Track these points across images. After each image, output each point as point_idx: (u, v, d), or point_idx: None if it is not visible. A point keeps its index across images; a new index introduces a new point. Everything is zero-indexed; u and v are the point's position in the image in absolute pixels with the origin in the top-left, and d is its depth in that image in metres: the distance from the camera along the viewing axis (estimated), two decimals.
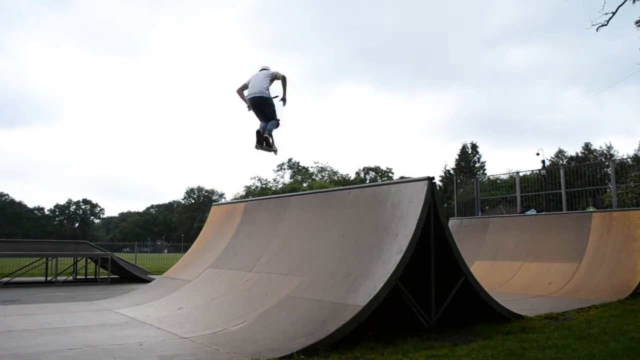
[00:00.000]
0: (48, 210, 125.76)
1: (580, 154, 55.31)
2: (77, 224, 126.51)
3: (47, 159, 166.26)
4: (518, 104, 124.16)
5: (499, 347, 5.74)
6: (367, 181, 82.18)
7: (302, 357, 5.31)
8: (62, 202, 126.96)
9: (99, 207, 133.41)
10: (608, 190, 18.51)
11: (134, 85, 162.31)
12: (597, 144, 64.00)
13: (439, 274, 7.11)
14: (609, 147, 53.32)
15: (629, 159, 22.06)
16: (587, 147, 57.09)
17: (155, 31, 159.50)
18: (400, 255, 6.53)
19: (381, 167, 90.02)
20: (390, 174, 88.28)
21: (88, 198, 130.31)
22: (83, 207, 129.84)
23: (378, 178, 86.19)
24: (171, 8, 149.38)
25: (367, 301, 6.11)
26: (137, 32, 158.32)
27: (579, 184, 20.09)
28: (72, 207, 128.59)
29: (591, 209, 15.29)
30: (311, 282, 7.37)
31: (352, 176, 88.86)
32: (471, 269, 7.83)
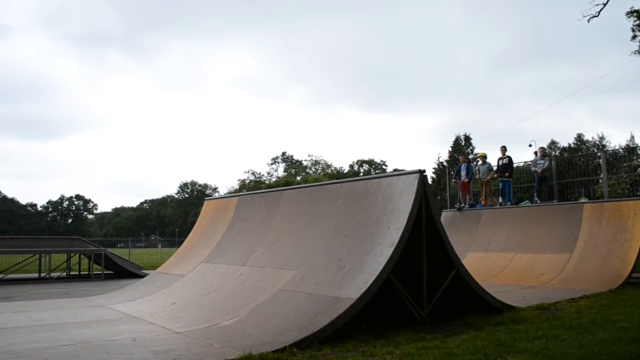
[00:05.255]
0: (41, 207, 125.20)
1: (572, 145, 55.45)
2: (70, 220, 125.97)
3: (40, 155, 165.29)
4: (511, 100, 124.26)
5: (489, 338, 5.80)
6: (361, 174, 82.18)
7: (295, 350, 5.35)
8: (55, 198, 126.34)
9: (92, 202, 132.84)
10: (600, 180, 18.58)
11: (126, 82, 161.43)
12: (590, 135, 64.09)
13: (431, 266, 7.15)
14: (602, 138, 53.44)
15: (620, 149, 22.13)
16: (579, 137, 57.24)
17: (149, 26, 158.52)
18: (392, 248, 6.57)
19: (375, 160, 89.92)
20: (384, 167, 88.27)
21: (81, 194, 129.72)
22: (76, 202, 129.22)
23: (372, 170, 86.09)
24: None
25: (360, 294, 6.15)
26: (130, 26, 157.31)
27: (571, 174, 20.17)
28: (65, 203, 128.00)
29: (583, 200, 15.38)
30: (304, 276, 7.41)
31: (346, 169, 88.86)
32: (464, 261, 7.91)
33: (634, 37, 21.36)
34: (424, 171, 7.23)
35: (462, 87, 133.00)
